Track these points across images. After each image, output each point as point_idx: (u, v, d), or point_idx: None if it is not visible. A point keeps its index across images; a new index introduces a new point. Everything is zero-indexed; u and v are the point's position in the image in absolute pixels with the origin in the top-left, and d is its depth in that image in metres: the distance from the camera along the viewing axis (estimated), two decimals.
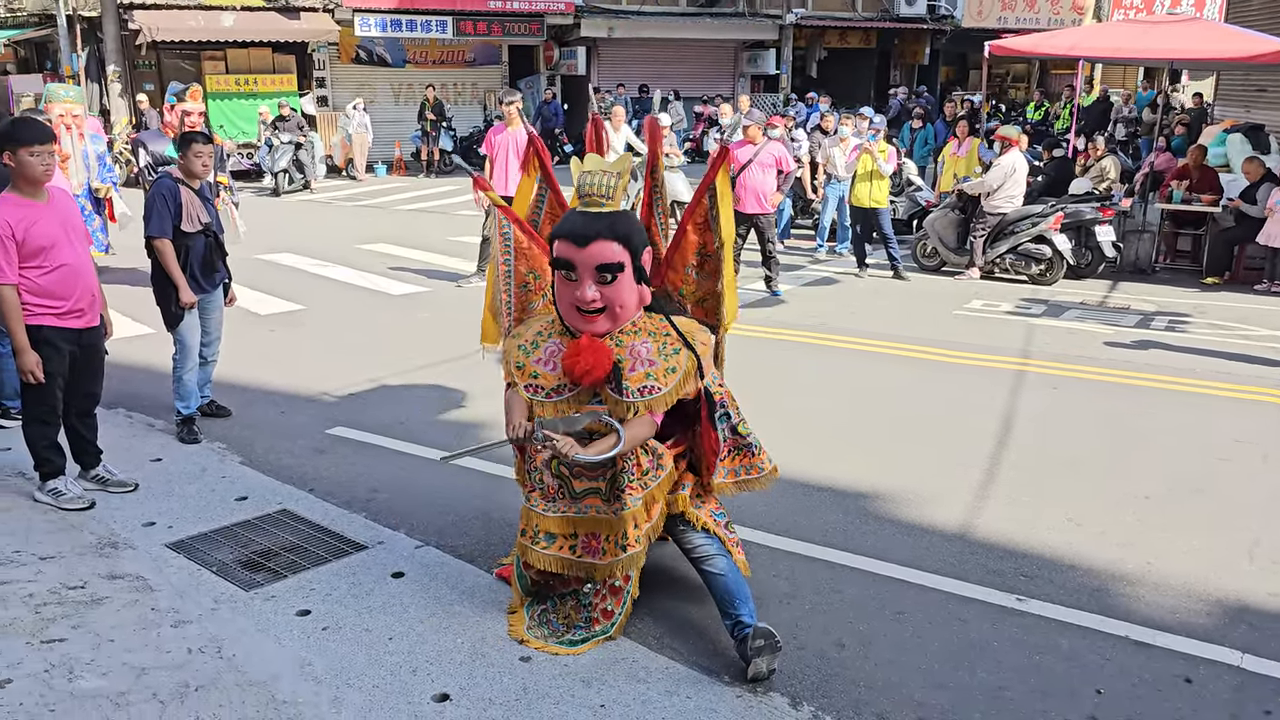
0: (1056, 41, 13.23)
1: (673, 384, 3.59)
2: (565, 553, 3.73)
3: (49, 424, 4.78)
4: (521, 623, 3.82)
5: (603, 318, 3.58)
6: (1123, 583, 4.29)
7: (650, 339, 3.65)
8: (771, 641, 3.48)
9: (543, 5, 22.28)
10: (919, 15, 27.08)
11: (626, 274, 3.55)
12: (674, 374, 3.59)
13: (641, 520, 3.66)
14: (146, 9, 18.91)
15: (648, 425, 3.61)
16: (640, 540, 3.68)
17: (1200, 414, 6.58)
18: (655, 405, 3.58)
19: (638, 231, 3.64)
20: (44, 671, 3.44)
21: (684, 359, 3.61)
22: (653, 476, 3.67)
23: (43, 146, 4.48)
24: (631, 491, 3.62)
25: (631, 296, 3.62)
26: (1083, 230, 10.90)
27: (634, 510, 3.62)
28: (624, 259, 3.52)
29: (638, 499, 3.63)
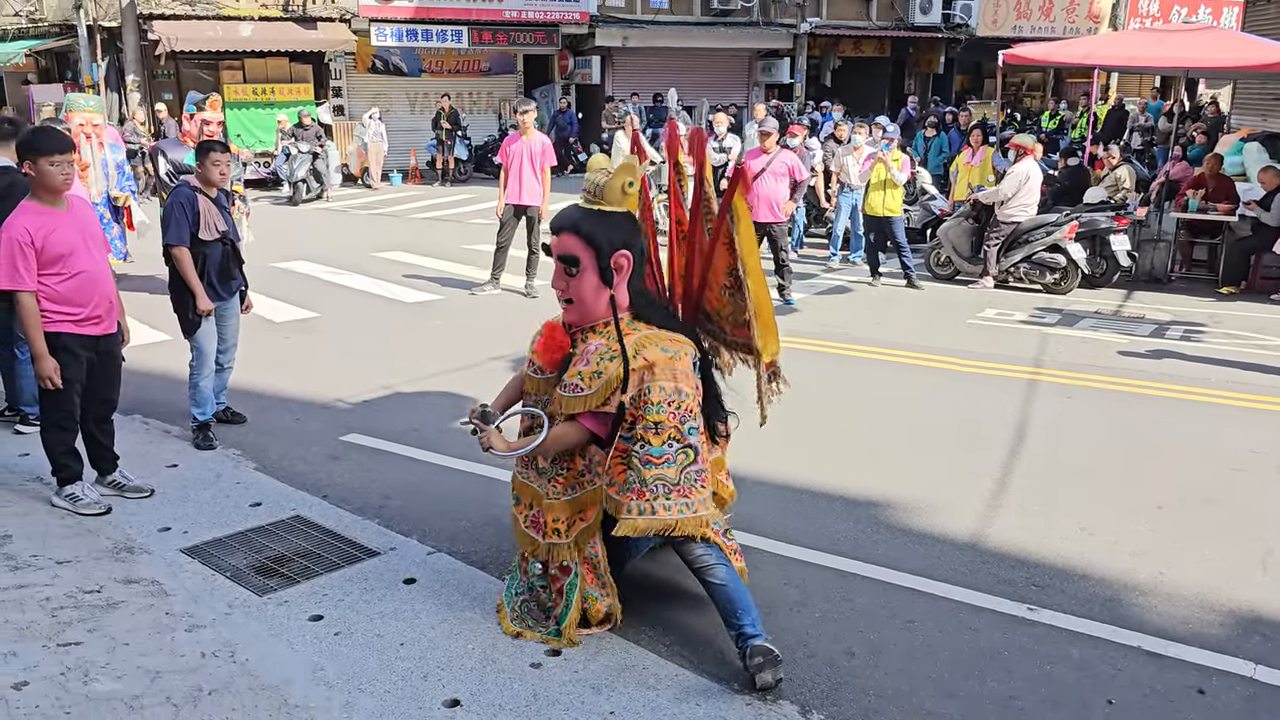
0: (1071, 50, 13.24)
1: (595, 388, 3.62)
2: (522, 517, 3.94)
3: (66, 430, 4.83)
4: (505, 617, 3.92)
5: (571, 309, 3.77)
6: (1135, 592, 4.28)
7: (604, 342, 3.69)
8: (770, 658, 3.49)
9: (558, 15, 22.38)
10: (933, 24, 27.04)
11: (586, 272, 3.66)
12: (598, 379, 3.62)
13: (563, 515, 3.76)
14: (166, 19, 19.12)
15: (575, 430, 3.70)
16: (561, 533, 3.75)
17: (1214, 424, 6.55)
18: (571, 404, 3.65)
19: (609, 233, 3.65)
20: (60, 674, 3.48)
21: (614, 367, 3.60)
22: (588, 481, 3.74)
23: (62, 156, 4.55)
24: (554, 485, 3.76)
25: (591, 294, 3.69)
26: (1097, 239, 10.86)
27: (554, 503, 3.75)
28: (581, 255, 3.64)
29: (561, 494, 3.76)
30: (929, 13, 26.76)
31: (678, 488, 3.59)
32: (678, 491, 3.59)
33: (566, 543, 3.77)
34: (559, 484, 3.76)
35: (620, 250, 3.68)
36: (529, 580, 3.99)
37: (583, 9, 22.55)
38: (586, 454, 3.75)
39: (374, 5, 20.46)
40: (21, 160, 4.57)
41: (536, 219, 9.99)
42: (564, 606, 3.80)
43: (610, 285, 3.70)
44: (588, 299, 3.70)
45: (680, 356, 3.65)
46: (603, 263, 3.65)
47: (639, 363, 3.58)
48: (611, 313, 3.71)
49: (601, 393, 3.61)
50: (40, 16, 19.95)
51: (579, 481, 3.75)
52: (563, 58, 23.77)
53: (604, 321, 3.74)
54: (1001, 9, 27.71)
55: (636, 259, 3.77)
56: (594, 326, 3.76)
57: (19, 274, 4.47)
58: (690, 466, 3.61)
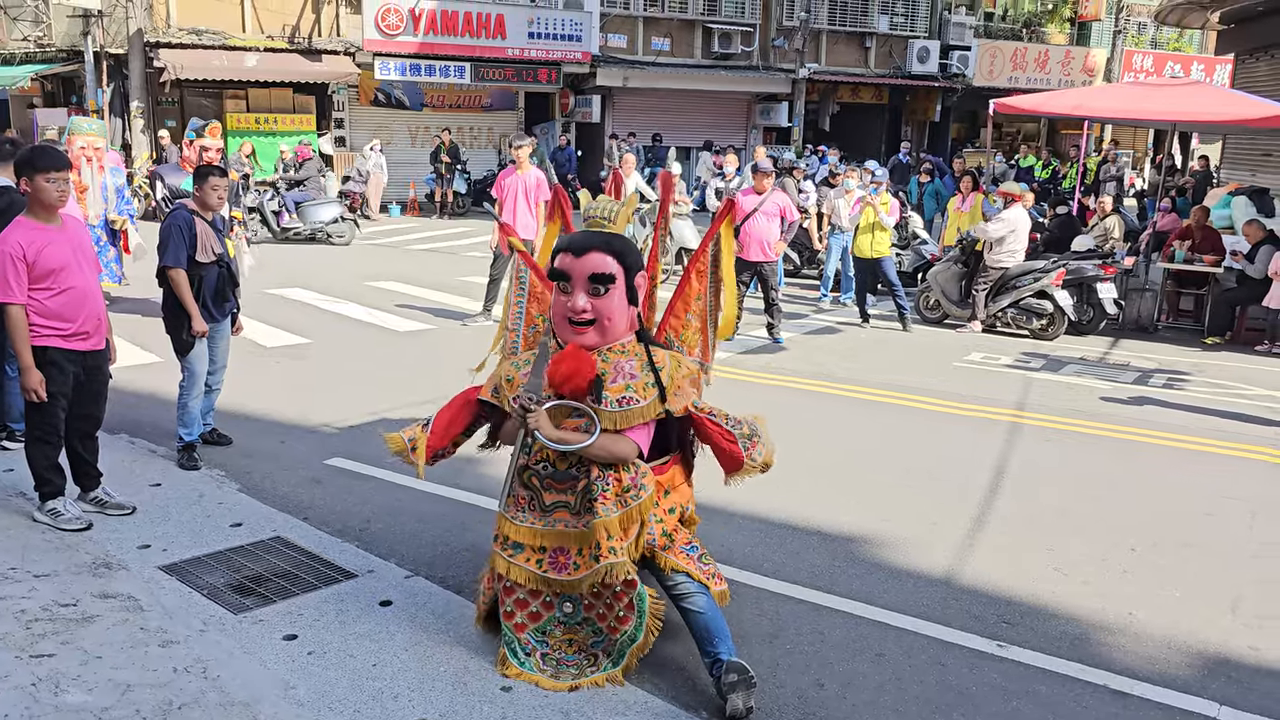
0: (1061, 101, 13.44)
1: (650, 399, 3.64)
2: (532, 565, 3.73)
3: (50, 444, 4.87)
4: (543, 678, 3.71)
5: (592, 330, 3.69)
6: (1104, 632, 4.32)
7: (635, 359, 3.73)
8: (745, 677, 3.52)
9: (560, 54, 22.69)
10: (930, 73, 27.44)
11: (618, 288, 3.66)
12: (652, 389, 3.66)
13: (615, 533, 3.60)
14: (172, 48, 19.35)
15: (626, 443, 3.65)
16: (618, 552, 3.59)
17: (1192, 470, 6.61)
18: (632, 417, 3.63)
19: (634, 252, 3.75)
20: (30, 685, 3.49)
21: (665, 376, 3.69)
22: (634, 495, 3.65)
23: (58, 173, 4.63)
24: (604, 502, 3.60)
25: (621, 313, 3.70)
26: (1085, 287, 10.99)
27: (606, 520, 3.59)
28: (616, 272, 3.64)
29: (610, 510, 3.60)
30: (926, 62, 27.16)
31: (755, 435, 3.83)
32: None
33: (622, 561, 3.60)
34: (607, 501, 3.61)
35: (640, 270, 3.78)
36: (544, 625, 3.82)
37: (585, 49, 22.87)
38: (632, 469, 3.67)
39: (379, 40, 20.74)
40: (19, 177, 4.65)
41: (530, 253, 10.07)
42: (636, 624, 3.67)
43: (635, 304, 3.77)
44: (617, 317, 3.69)
45: (695, 363, 3.94)
46: (630, 281, 3.72)
47: (685, 371, 3.79)
48: (635, 331, 3.81)
49: (656, 403, 3.65)
50: (48, 41, 20.18)
51: (625, 498, 3.63)
52: (564, 96, 24.06)
53: (621, 341, 3.77)
54: (998, 60, 28.16)
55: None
56: (612, 346, 3.75)
57: (9, 287, 4.53)
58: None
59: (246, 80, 20.05)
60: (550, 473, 3.72)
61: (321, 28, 21.16)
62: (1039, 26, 30.17)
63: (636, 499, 3.65)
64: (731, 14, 25.24)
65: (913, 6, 27.57)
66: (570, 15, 22.71)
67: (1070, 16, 30.57)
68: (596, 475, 3.64)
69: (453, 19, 21.36)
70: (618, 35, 24.05)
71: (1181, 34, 30.27)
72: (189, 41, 19.63)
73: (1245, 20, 16.31)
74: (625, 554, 3.62)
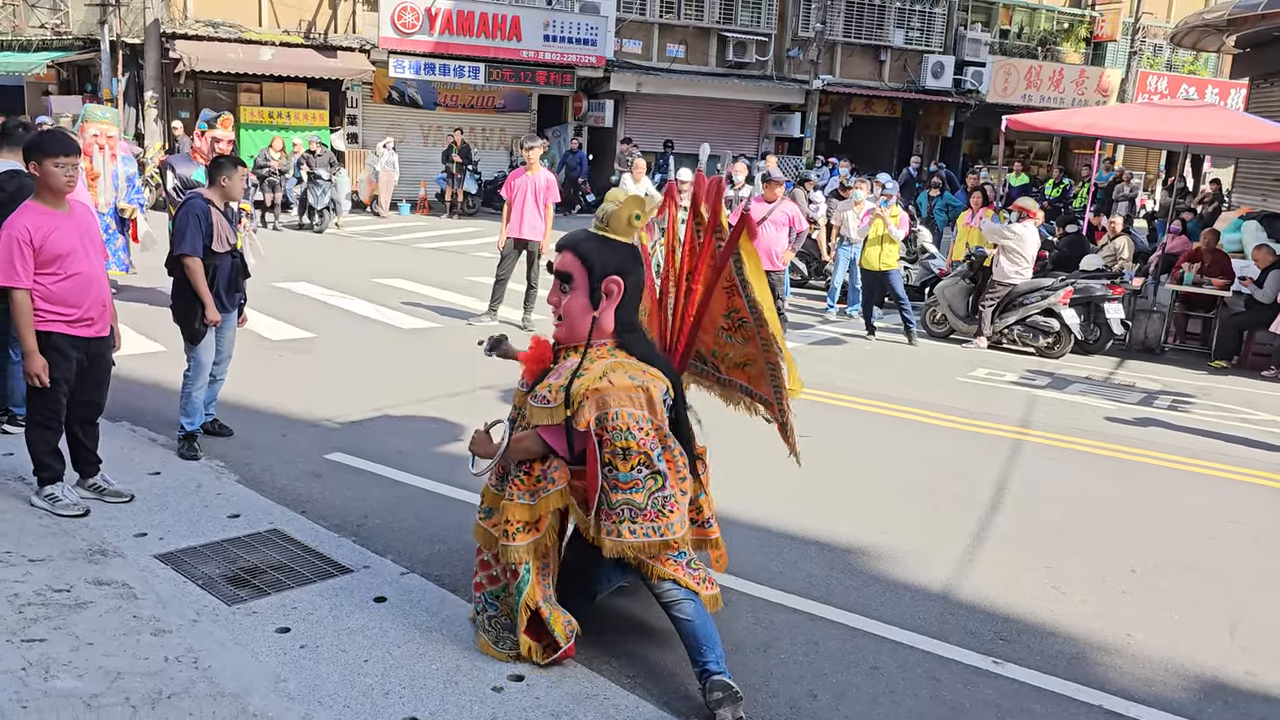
0: (1073, 119, 13.43)
1: (558, 401, 3.68)
2: (485, 522, 3.97)
3: (51, 429, 4.86)
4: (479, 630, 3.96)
5: (561, 326, 3.86)
6: (1101, 652, 4.29)
7: (573, 359, 3.78)
8: (730, 694, 3.50)
9: (574, 58, 22.72)
10: (944, 88, 27.44)
11: (577, 290, 3.77)
12: (561, 393, 3.69)
13: (518, 518, 3.74)
14: (188, 39, 19.42)
15: (533, 440, 3.77)
16: (516, 537, 3.72)
17: (1195, 493, 6.58)
18: (536, 415, 3.74)
19: (605, 258, 3.76)
20: (20, 669, 3.48)
21: (581, 384, 3.66)
22: (543, 489, 3.76)
23: (67, 158, 4.63)
24: (514, 486, 3.78)
25: (578, 313, 3.79)
26: (1092, 306, 10.95)
27: (509, 504, 3.75)
28: (575, 273, 3.76)
29: (517, 496, 3.76)
30: (940, 77, 27.17)
31: (644, 512, 3.63)
32: (644, 516, 3.63)
33: (515, 545, 3.74)
34: (517, 487, 3.78)
35: (612, 275, 3.76)
36: (496, 592, 3.96)
37: (599, 53, 22.90)
38: (546, 462, 3.78)
39: (394, 38, 20.79)
40: (28, 161, 4.65)
41: (537, 253, 10.10)
42: (513, 608, 3.81)
43: (596, 307, 3.77)
44: (574, 317, 3.79)
45: (649, 386, 3.71)
46: (594, 284, 3.74)
47: (603, 384, 3.62)
48: (622, 346, 3.80)
49: (560, 409, 3.67)
50: (65, 29, 20.27)
51: (536, 489, 3.76)
52: (577, 99, 24.10)
53: (597, 343, 3.79)
54: (1012, 77, 28.15)
55: (630, 289, 3.82)
56: (576, 346, 3.82)
57: (15, 271, 4.53)
58: (659, 492, 3.65)
59: (261, 74, 20.11)
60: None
61: (338, 24, 21.23)
62: (1054, 45, 30.17)
63: (545, 492, 3.76)
64: (747, 23, 25.28)
65: (928, 21, 27.59)
66: (586, 19, 22.75)
67: (1086, 36, 30.58)
68: (515, 465, 3.84)
69: (468, 19, 21.41)
70: (633, 41, 24.09)
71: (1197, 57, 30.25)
72: (205, 34, 19.70)
73: (1261, 45, 16.27)
74: (523, 548, 3.73)
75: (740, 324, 4.15)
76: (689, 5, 24.55)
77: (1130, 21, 27.78)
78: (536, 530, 3.78)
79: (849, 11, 26.49)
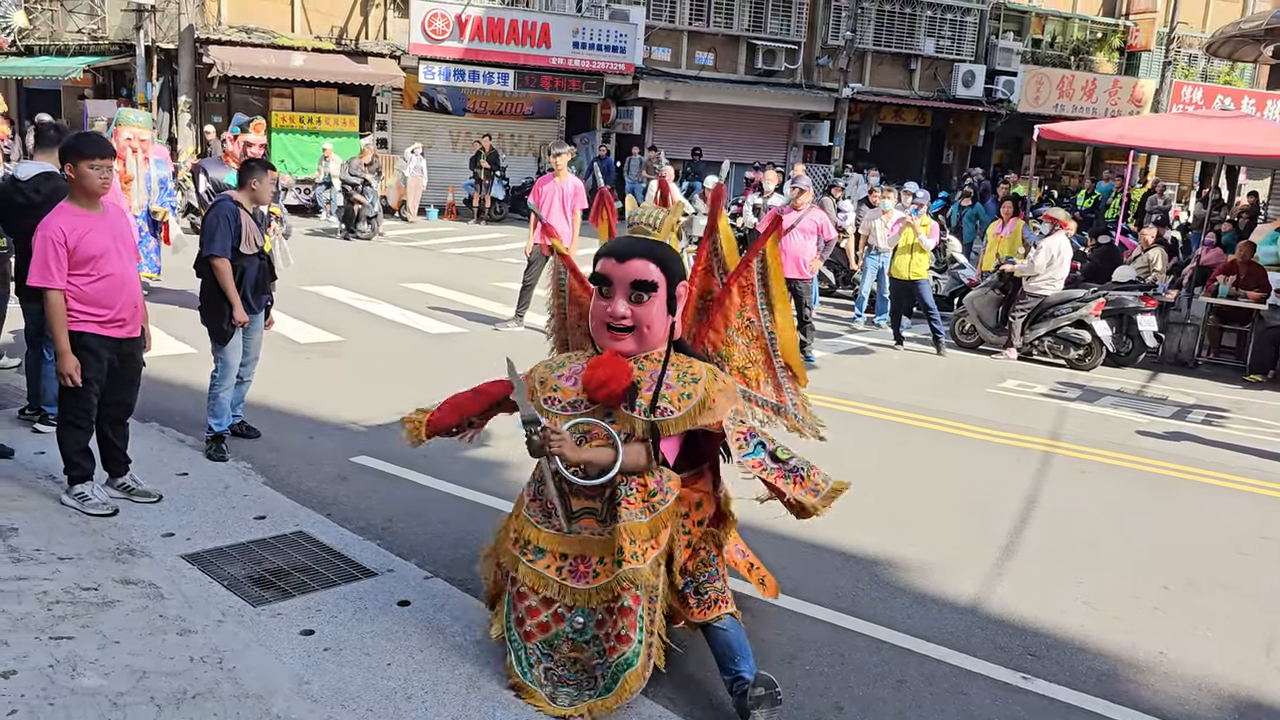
0: (1106, 129, 13.31)
1: (686, 410, 3.58)
2: (551, 572, 3.65)
3: (82, 429, 4.90)
4: (538, 697, 3.58)
5: (630, 337, 3.64)
6: (1133, 669, 4.22)
7: (672, 368, 3.68)
8: (772, 692, 3.44)
9: (603, 65, 22.77)
10: (975, 97, 27.26)
11: (659, 296, 3.61)
12: (689, 400, 3.59)
13: (640, 537, 3.50)
14: (222, 45, 19.64)
15: (645, 454, 3.58)
16: (639, 558, 3.46)
17: (1228, 508, 6.47)
18: (668, 427, 3.58)
19: (676, 261, 3.71)
20: (48, 666, 3.50)
21: (701, 388, 3.61)
22: (660, 500, 3.57)
23: (103, 161, 4.68)
24: (629, 506, 3.51)
25: (660, 321, 3.66)
26: (1124, 318, 10.83)
27: (631, 524, 3.49)
28: (658, 280, 3.60)
29: (635, 515, 3.51)
30: (971, 86, 26.99)
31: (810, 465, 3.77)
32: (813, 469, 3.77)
33: (645, 569, 3.47)
34: (633, 506, 3.53)
35: (682, 280, 3.74)
36: (552, 638, 3.68)
37: (628, 60, 22.93)
38: (657, 475, 3.61)
39: (424, 44, 20.92)
40: (63, 163, 4.70)
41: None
42: (634, 647, 3.48)
43: (674, 313, 3.72)
44: (655, 325, 3.65)
45: (730, 378, 3.82)
46: (671, 291, 3.67)
47: (719, 383, 3.66)
48: (669, 340, 3.74)
49: (692, 414, 3.58)
50: (101, 34, 20.55)
51: (652, 503, 3.56)
52: (605, 106, 24.15)
53: (658, 350, 3.71)
54: (1044, 87, 27.93)
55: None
56: (649, 354, 3.70)
57: (50, 272, 4.57)
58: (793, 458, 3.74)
59: (293, 79, 20.28)
60: (580, 477, 3.61)
61: (369, 30, 21.40)
62: (1087, 55, 29.89)
63: (664, 503, 3.58)
64: (776, 31, 25.24)
65: (959, 30, 27.43)
66: (615, 26, 22.79)
67: (1120, 46, 30.28)
68: (621, 481, 3.57)
69: (498, 26, 21.52)
70: (662, 48, 24.12)
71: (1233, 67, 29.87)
72: (238, 39, 19.92)
73: None
74: (649, 562, 3.51)
75: (748, 324, 4.10)
76: (718, 13, 24.56)
77: (1165, 31, 27.48)
78: (656, 545, 3.55)
79: (879, 20, 26.38)
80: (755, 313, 4.09)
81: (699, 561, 3.77)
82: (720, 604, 3.69)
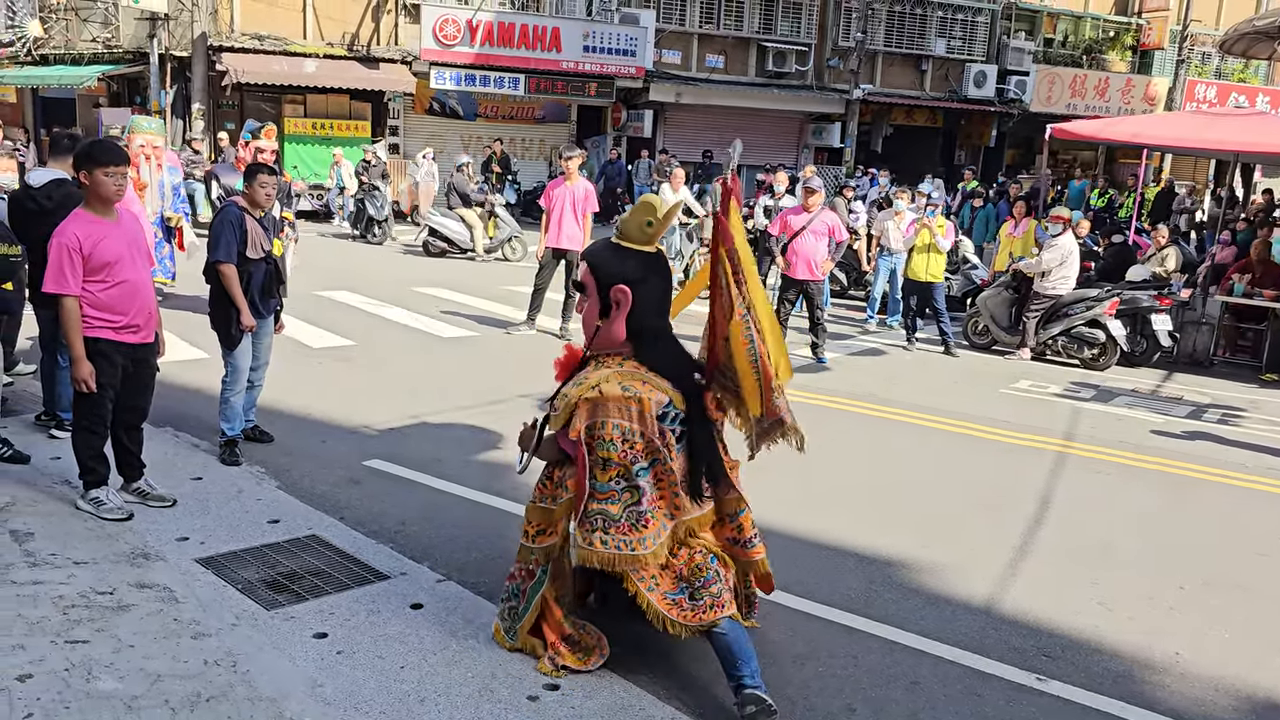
0: (1119, 128, 13.24)
1: (559, 410, 3.76)
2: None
3: (96, 434, 4.93)
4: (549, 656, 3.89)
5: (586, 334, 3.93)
6: (1148, 670, 4.19)
7: (591, 370, 3.83)
8: (763, 707, 3.46)
9: (614, 69, 22.79)
10: (987, 97, 27.16)
11: (590, 298, 3.84)
12: (564, 401, 3.76)
13: (533, 520, 3.90)
14: (235, 52, 19.75)
15: (551, 445, 3.89)
16: (529, 536, 3.89)
17: (1245, 508, 6.42)
18: (552, 422, 3.82)
19: (613, 267, 3.79)
20: (64, 670, 3.53)
21: (574, 393, 3.72)
22: (559, 495, 3.84)
23: (117, 168, 4.71)
24: (536, 490, 3.94)
25: (590, 323, 3.86)
26: (1139, 317, 10.77)
27: (530, 507, 3.92)
28: (587, 284, 3.85)
29: (537, 499, 3.91)
30: (983, 86, 26.90)
31: (617, 524, 3.62)
32: (617, 528, 3.62)
33: (532, 547, 3.89)
34: (538, 490, 3.93)
35: (618, 284, 3.72)
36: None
37: (639, 63, 22.95)
38: (561, 469, 3.87)
39: (436, 50, 20.98)
40: (78, 170, 4.74)
41: (575, 263, 10.11)
42: (524, 604, 3.91)
43: (606, 316, 3.79)
44: (588, 326, 3.89)
45: (643, 397, 3.63)
46: (602, 294, 3.77)
47: (593, 394, 3.64)
48: (636, 358, 3.78)
49: (562, 416, 3.74)
50: (116, 43, 20.68)
51: (553, 494, 3.87)
52: (616, 110, 24.16)
53: (610, 352, 3.85)
54: (1056, 86, 27.81)
55: (641, 298, 3.73)
56: (598, 355, 3.89)
57: (65, 278, 4.61)
58: (633, 506, 3.63)
59: (305, 86, 20.38)
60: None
61: (380, 36, 21.49)
62: (1100, 54, 29.75)
63: (556, 501, 3.86)
64: (787, 33, 25.21)
65: (971, 30, 27.34)
66: (625, 30, 22.81)
67: (1132, 44, 30.13)
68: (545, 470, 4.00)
69: (509, 31, 21.56)
70: (672, 51, 24.13)
71: (1247, 65, 29.70)
72: (251, 46, 20.03)
73: None
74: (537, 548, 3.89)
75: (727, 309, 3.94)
76: (729, 15, 24.55)
77: (1178, 29, 27.35)
78: (554, 534, 3.86)
79: (890, 21, 26.32)
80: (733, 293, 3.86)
81: (694, 566, 3.71)
82: (716, 608, 3.63)
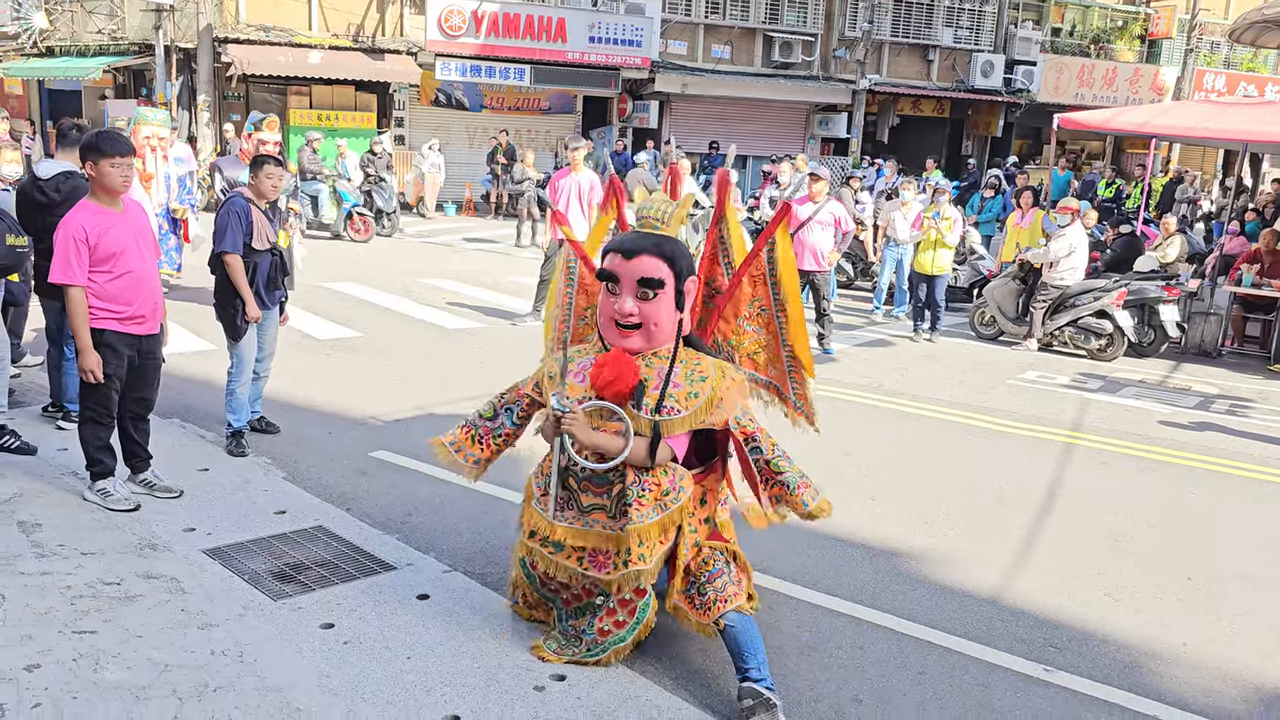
0: (1128, 118, 13.16)
1: (692, 409, 3.59)
2: (573, 564, 3.73)
3: (103, 425, 4.94)
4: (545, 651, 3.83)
5: (638, 335, 3.63)
6: (1156, 661, 4.18)
7: (680, 365, 3.67)
8: (760, 700, 3.45)
9: (619, 59, 22.72)
10: (994, 87, 27.04)
11: (666, 293, 3.59)
12: (695, 399, 3.60)
13: (649, 538, 3.60)
14: (240, 44, 19.72)
15: (663, 451, 3.61)
16: (646, 558, 3.60)
17: (1253, 499, 6.40)
18: (672, 426, 3.58)
19: (685, 257, 3.68)
20: (72, 660, 3.54)
21: (708, 386, 3.62)
22: (672, 499, 3.62)
23: (123, 159, 4.70)
24: (640, 507, 3.57)
25: (668, 318, 3.63)
26: (1146, 308, 10.72)
27: (639, 527, 3.57)
28: (665, 277, 3.57)
29: (646, 516, 3.57)
30: (990, 76, 26.77)
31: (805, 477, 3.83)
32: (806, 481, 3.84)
33: (650, 569, 3.63)
34: (644, 507, 3.59)
35: (690, 276, 3.71)
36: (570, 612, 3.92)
37: (645, 54, 22.87)
38: (670, 474, 3.64)
39: (441, 41, 20.93)
40: (84, 161, 4.73)
41: None
42: (631, 625, 3.74)
43: (683, 309, 3.69)
44: (665, 323, 3.63)
45: (740, 373, 3.84)
46: (680, 286, 3.64)
47: (728, 381, 3.67)
48: (676, 337, 3.70)
49: (699, 413, 3.60)
50: (121, 35, 20.67)
51: (663, 502, 3.61)
52: (622, 101, 24.10)
53: (666, 347, 3.69)
54: (1064, 76, 27.67)
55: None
56: (657, 351, 3.68)
57: (71, 269, 4.61)
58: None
59: (311, 77, 20.35)
60: (588, 475, 3.66)
61: (385, 27, 21.44)
62: (1108, 43, 29.60)
63: (675, 502, 3.62)
64: (793, 23, 25.11)
65: (978, 20, 27.21)
66: (631, 20, 22.74)
67: (1140, 34, 29.97)
68: (632, 480, 3.60)
69: (514, 22, 21.50)
70: (678, 42, 24.04)
71: (1256, 54, 29.53)
72: (256, 38, 19.99)
73: None
74: (654, 563, 3.65)
75: (760, 312, 4.08)
76: (734, 6, 24.45)
77: (1186, 18, 27.17)
78: (664, 541, 3.69)
79: (896, 10, 26.19)
80: (768, 300, 4.06)
81: (700, 560, 3.76)
82: (720, 603, 3.65)
